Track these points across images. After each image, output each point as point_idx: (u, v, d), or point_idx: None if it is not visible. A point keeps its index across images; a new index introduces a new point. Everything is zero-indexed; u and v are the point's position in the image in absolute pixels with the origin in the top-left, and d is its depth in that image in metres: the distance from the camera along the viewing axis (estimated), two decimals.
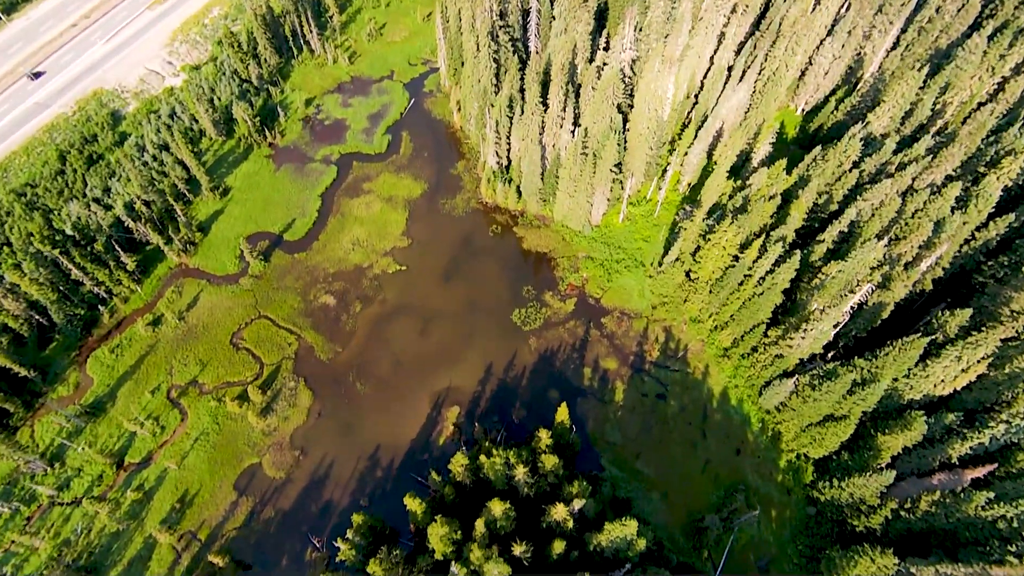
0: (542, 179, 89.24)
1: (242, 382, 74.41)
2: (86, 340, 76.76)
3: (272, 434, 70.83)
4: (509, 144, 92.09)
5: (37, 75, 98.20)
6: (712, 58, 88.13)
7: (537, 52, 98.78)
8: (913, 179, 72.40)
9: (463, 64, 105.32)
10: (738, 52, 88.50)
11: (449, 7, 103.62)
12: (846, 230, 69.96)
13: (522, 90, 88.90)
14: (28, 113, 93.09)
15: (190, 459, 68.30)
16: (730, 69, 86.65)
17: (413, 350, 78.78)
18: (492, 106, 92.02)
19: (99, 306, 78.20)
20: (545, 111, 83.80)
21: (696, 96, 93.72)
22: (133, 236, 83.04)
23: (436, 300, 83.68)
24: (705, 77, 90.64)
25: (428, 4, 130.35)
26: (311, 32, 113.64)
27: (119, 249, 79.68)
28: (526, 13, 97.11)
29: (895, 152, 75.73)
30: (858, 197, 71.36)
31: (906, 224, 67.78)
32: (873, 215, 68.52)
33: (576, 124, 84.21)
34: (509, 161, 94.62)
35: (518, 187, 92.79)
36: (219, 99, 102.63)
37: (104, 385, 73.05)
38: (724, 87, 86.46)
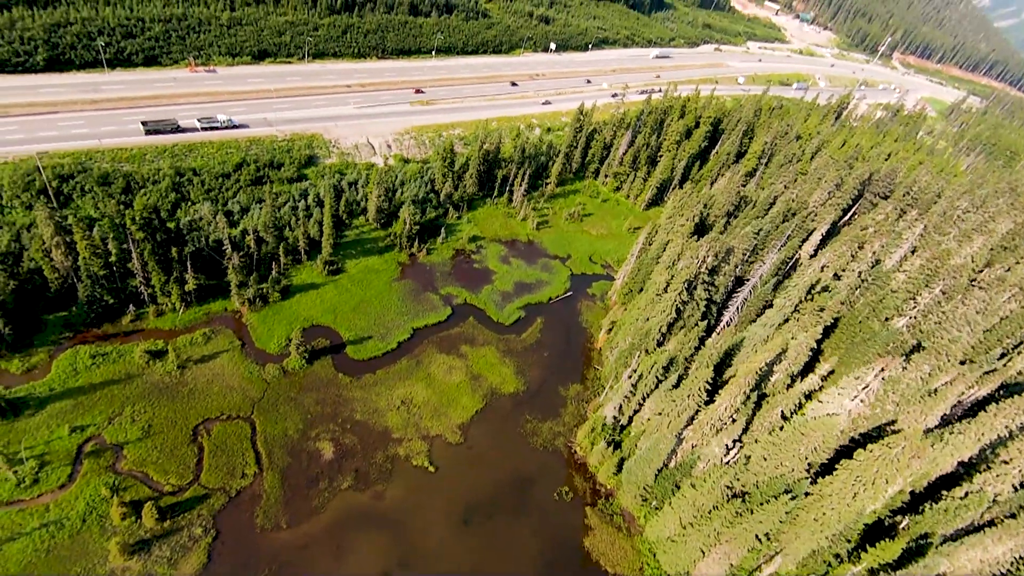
0: (656, 477, 64.04)
1: (156, 487, 55.34)
2: (88, 330, 66.29)
3: None
4: (640, 406, 70.18)
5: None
6: None
7: (729, 324, 79.72)
8: None
9: (641, 291, 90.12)
10: None
11: (660, 233, 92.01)
12: None
13: (689, 360, 68.64)
14: (250, 122, 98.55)
15: (12, 548, 48.58)
16: None
17: None
18: (646, 352, 72.62)
19: (130, 304, 68.64)
20: (706, 403, 61.58)
21: None
22: (221, 261, 75.44)
23: (436, 538, 58.99)
24: None
25: (643, 220, 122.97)
26: (520, 186, 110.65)
27: (193, 263, 71.63)
28: (739, 282, 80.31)
29: None
30: None
31: None
32: None
33: (738, 444, 59.90)
34: (627, 425, 71.88)
35: (621, 460, 68.53)
36: (400, 195, 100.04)
37: (49, 388, 59.73)
38: None
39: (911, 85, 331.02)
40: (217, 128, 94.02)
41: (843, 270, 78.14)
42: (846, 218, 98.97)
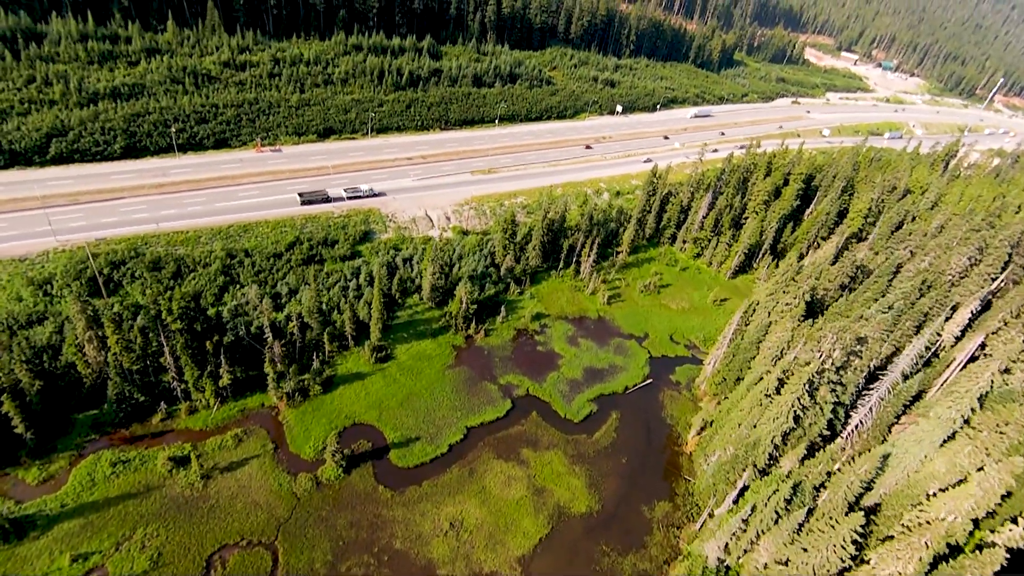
0: None
1: None
2: (116, 431, 60.61)
3: None
4: (751, 546, 53.96)
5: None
6: None
7: (858, 428, 62.57)
8: None
9: (738, 381, 74.82)
10: None
11: (759, 311, 77.32)
12: None
13: (819, 488, 52.48)
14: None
15: None
16: None
17: None
18: (757, 472, 57.09)
19: (162, 401, 62.78)
20: (853, 557, 45.05)
21: None
22: (261, 351, 69.17)
23: None
24: None
25: (730, 290, 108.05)
26: (588, 256, 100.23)
27: (232, 354, 65.54)
28: (872, 378, 63.58)
29: None
30: None
31: None
32: None
33: None
34: (738, 572, 55.40)
35: None
36: (457, 270, 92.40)
37: (61, 503, 53.36)
38: None
39: (1022, 127, 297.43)
40: (360, 197, 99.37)
41: (1014, 361, 60.09)
42: (992, 288, 79.79)
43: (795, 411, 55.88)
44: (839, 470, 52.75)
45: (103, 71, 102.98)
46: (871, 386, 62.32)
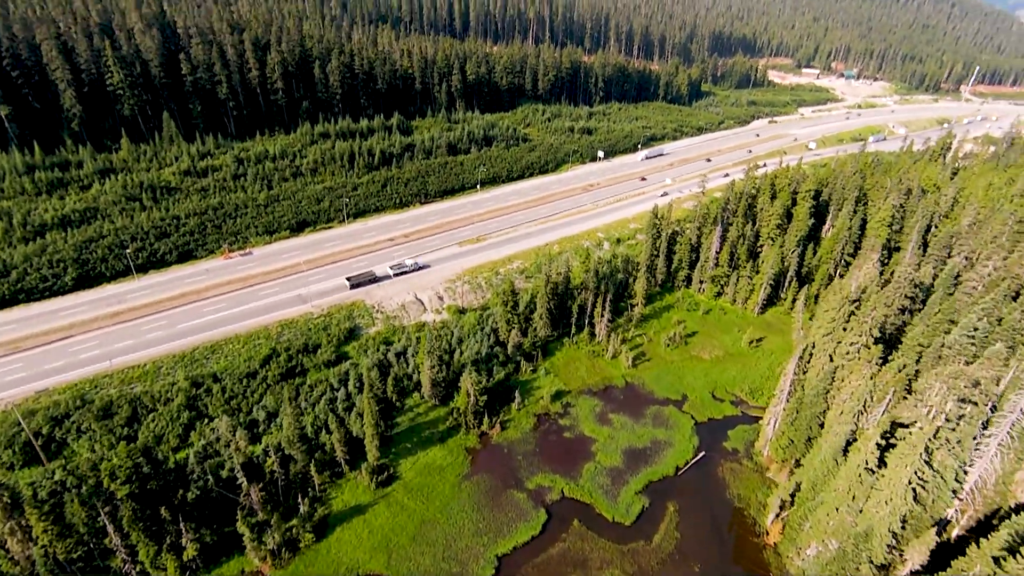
0: None
1: None
2: None
3: None
4: None
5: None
6: None
7: (977, 486, 49.70)
8: None
9: (809, 442, 62.35)
10: None
11: (818, 354, 65.91)
12: None
13: None
14: (282, 303, 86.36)
15: None
16: None
17: None
18: (875, 570, 43.89)
19: None
20: None
21: None
22: (237, 500, 56.75)
23: None
24: None
25: (762, 328, 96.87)
26: (601, 316, 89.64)
27: (200, 512, 53.12)
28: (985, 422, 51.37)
29: None
30: None
31: None
32: None
33: None
34: None
35: None
36: (459, 356, 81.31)
37: None
38: None
39: (998, 112, 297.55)
40: (407, 272, 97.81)
41: None
42: None
43: (913, 488, 43.43)
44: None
45: (52, 200, 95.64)
46: (986, 432, 50.08)
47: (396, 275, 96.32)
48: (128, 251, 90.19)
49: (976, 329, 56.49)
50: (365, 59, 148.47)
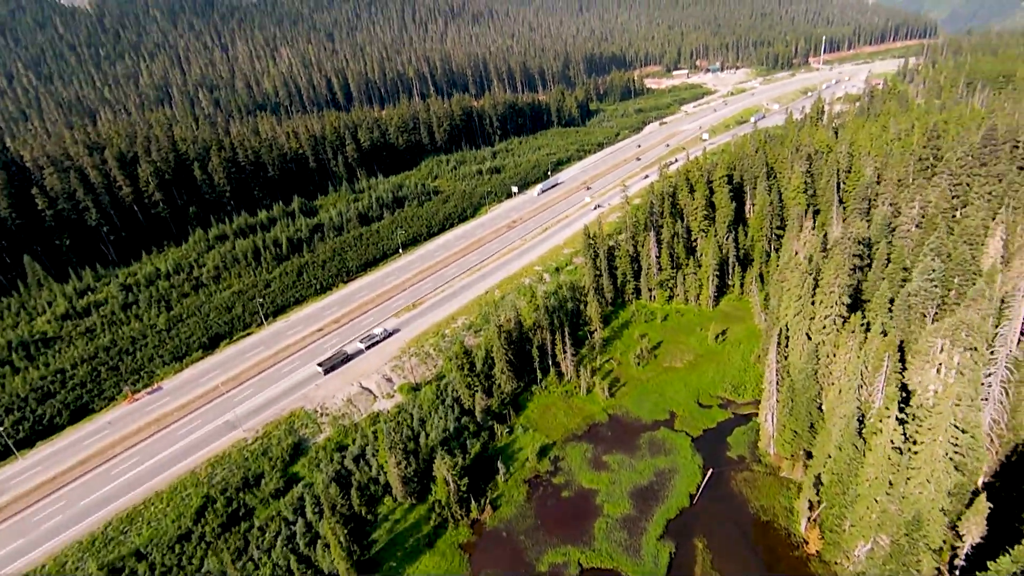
0: None
1: None
2: None
3: None
4: None
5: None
6: None
7: (994, 428, 47.30)
8: None
9: (813, 429, 58.66)
10: None
11: (794, 336, 63.11)
12: None
13: None
14: (208, 437, 74.07)
15: None
16: None
17: None
18: (934, 555, 39.22)
19: None
20: None
21: None
22: None
23: None
24: None
25: (722, 319, 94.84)
26: (564, 352, 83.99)
27: None
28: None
29: None
30: None
31: None
32: None
33: None
34: None
35: None
36: (425, 440, 72.21)
37: None
38: None
39: (847, 73, 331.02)
40: (378, 341, 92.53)
41: None
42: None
43: (951, 457, 39.61)
44: None
45: None
46: (988, 373, 47.95)
47: (368, 348, 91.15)
48: (1, 429, 74.79)
49: (934, 271, 55.56)
50: (249, 149, 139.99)
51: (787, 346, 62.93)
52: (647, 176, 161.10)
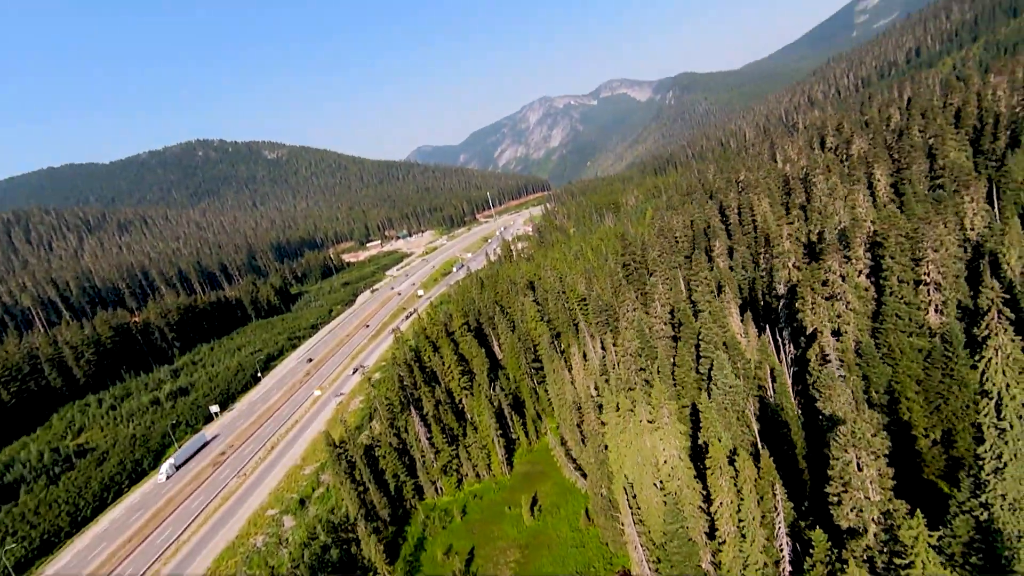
0: None
1: None
2: None
3: None
4: None
5: None
6: None
7: None
8: None
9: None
10: None
11: (642, 495, 50.34)
12: None
13: None
14: None
15: None
16: None
17: None
18: None
19: None
20: None
21: None
22: None
23: None
24: None
25: (527, 484, 78.89)
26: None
27: None
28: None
29: None
30: None
31: None
32: None
33: None
34: None
35: None
36: None
37: None
38: None
39: (510, 220, 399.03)
40: None
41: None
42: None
43: None
44: None
45: None
46: None
47: None
48: None
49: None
50: None
51: (636, 497, 49.50)
52: (379, 345, 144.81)
